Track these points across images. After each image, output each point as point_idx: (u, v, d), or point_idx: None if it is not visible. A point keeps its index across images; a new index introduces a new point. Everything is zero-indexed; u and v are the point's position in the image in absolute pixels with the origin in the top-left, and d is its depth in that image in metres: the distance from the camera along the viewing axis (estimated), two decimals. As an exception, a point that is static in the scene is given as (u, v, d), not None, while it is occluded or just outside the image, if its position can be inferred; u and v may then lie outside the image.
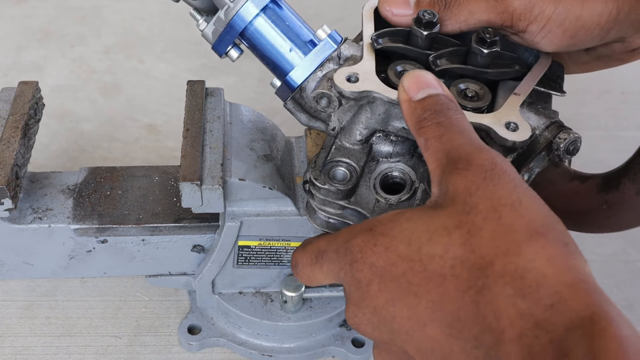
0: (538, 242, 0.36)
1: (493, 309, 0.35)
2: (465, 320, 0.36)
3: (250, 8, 0.52)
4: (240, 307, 0.66)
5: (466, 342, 0.36)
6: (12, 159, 0.57)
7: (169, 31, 1.07)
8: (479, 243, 0.37)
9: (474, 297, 0.36)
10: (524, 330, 0.34)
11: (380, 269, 0.39)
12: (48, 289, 0.71)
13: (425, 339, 0.38)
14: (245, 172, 0.58)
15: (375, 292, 0.40)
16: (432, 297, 0.37)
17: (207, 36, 0.55)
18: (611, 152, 0.53)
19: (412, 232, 0.39)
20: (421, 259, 0.38)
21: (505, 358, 0.35)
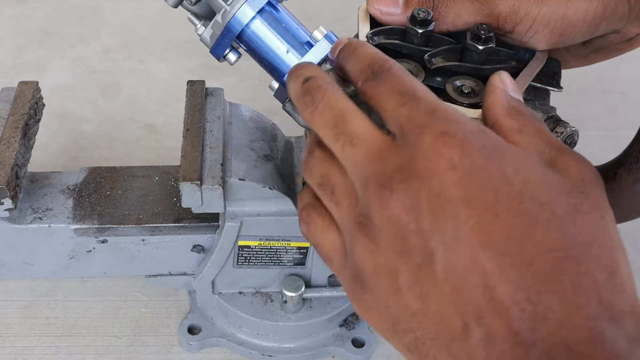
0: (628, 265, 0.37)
1: (574, 283, 0.34)
2: (535, 274, 0.34)
3: (247, 11, 0.52)
4: (240, 307, 0.66)
5: (520, 292, 0.34)
6: (12, 159, 0.57)
7: (169, 31, 1.07)
8: (582, 225, 0.36)
9: (559, 261, 0.34)
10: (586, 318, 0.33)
11: (474, 166, 0.36)
12: (48, 289, 0.71)
13: (471, 260, 0.34)
14: (245, 172, 0.58)
15: (451, 180, 0.35)
16: (512, 232, 0.34)
17: (205, 40, 0.56)
18: (611, 152, 0.53)
19: (523, 163, 0.37)
20: (522, 192, 0.35)
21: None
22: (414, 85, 0.40)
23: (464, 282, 0.35)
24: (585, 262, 0.34)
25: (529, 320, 0.33)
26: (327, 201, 0.42)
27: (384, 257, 0.38)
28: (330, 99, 0.42)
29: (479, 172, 0.35)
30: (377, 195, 0.37)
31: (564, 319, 0.33)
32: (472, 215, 0.35)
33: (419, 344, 0.37)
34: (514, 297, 0.34)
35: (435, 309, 0.36)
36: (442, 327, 0.36)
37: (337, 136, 0.40)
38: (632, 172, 0.48)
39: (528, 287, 0.34)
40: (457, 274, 0.35)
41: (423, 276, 0.36)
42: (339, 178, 0.41)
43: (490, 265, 0.34)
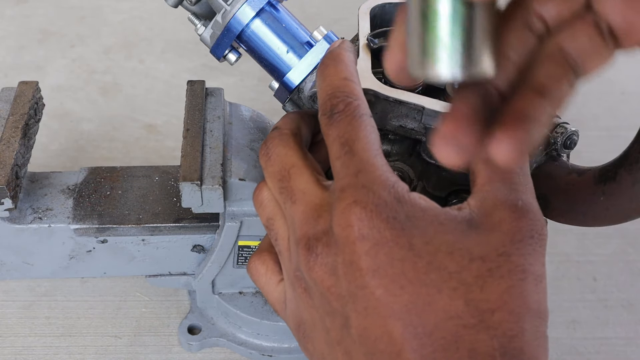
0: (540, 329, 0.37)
1: (470, 352, 0.35)
2: (434, 343, 0.35)
3: (247, 11, 0.52)
4: (240, 307, 0.66)
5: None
6: (12, 159, 0.57)
7: (169, 31, 1.07)
8: (490, 290, 0.36)
9: (458, 329, 0.35)
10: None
11: (382, 238, 0.36)
12: (48, 289, 0.71)
13: (379, 327, 0.36)
14: (245, 172, 0.58)
15: (360, 250, 0.37)
16: (415, 302, 0.36)
17: (206, 40, 0.56)
18: (611, 152, 0.53)
19: (437, 234, 0.37)
20: (429, 263, 0.36)
21: None
22: (356, 135, 0.40)
23: (375, 348, 0.36)
24: (485, 330, 0.35)
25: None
26: (274, 245, 0.44)
27: (317, 313, 0.40)
28: (281, 152, 0.43)
29: (387, 243, 0.36)
30: (305, 257, 0.39)
31: None
32: (379, 285, 0.36)
33: None
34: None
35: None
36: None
37: (281, 189, 0.42)
38: (632, 172, 0.48)
39: (427, 355, 0.35)
40: (369, 340, 0.37)
41: (345, 337, 0.38)
42: (282, 227, 0.43)
43: (396, 333, 0.36)
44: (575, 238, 0.79)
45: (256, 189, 0.46)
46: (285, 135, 0.45)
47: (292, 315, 0.43)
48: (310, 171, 0.42)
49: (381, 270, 0.36)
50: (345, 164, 0.39)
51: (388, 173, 0.39)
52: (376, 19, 0.55)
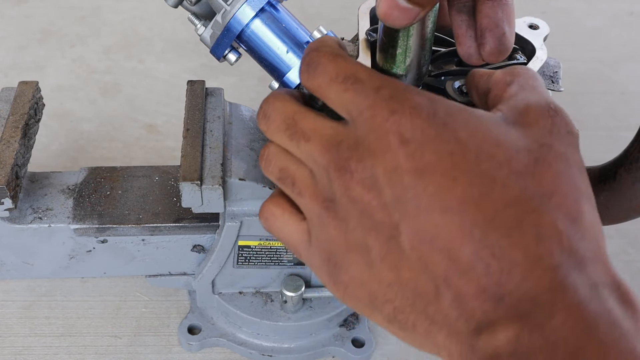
0: (595, 212, 0.37)
1: (536, 233, 0.34)
2: (497, 229, 0.34)
3: (247, 11, 0.52)
4: (240, 307, 0.66)
5: (484, 249, 0.34)
6: (12, 159, 0.57)
7: (169, 31, 1.07)
8: (542, 176, 0.36)
9: (519, 214, 0.34)
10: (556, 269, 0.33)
11: (426, 137, 0.36)
12: (48, 289, 0.71)
13: (434, 226, 0.35)
14: (245, 172, 0.58)
15: (404, 154, 0.36)
16: (471, 192, 0.35)
17: (205, 40, 0.56)
18: (611, 152, 0.53)
19: (479, 126, 0.37)
20: (478, 154, 0.36)
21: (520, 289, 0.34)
22: (354, 67, 0.40)
23: (430, 249, 0.36)
24: (547, 212, 0.35)
25: (495, 275, 0.34)
26: (290, 192, 0.43)
27: (353, 235, 0.39)
28: (278, 106, 0.43)
29: (432, 141, 0.36)
30: (339, 179, 0.38)
31: (527, 271, 0.34)
32: (430, 182, 0.35)
33: (397, 314, 0.38)
34: (478, 255, 0.34)
35: (408, 277, 0.37)
36: (417, 294, 0.37)
37: (291, 136, 0.42)
38: (632, 171, 0.48)
39: (491, 244, 0.34)
40: (423, 242, 0.36)
41: (392, 248, 0.37)
42: (297, 169, 0.43)
43: (453, 228, 0.35)
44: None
45: (261, 152, 0.46)
46: (278, 93, 0.45)
47: (319, 251, 0.42)
48: (314, 112, 0.42)
49: (430, 167, 0.36)
50: (358, 90, 0.39)
51: (407, 85, 0.39)
52: (376, 19, 0.55)
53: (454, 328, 0.36)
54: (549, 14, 1.15)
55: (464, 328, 0.35)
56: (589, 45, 1.10)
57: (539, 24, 0.56)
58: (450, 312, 0.36)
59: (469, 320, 0.35)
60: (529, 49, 0.54)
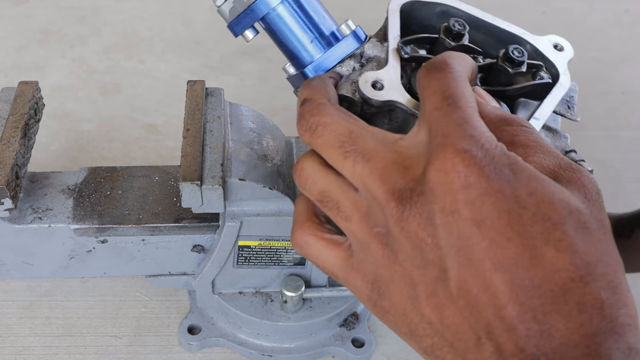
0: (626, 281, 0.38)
1: (579, 302, 0.35)
2: (543, 295, 0.35)
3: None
4: (240, 307, 0.66)
5: (528, 312, 0.35)
6: (12, 159, 0.57)
7: (169, 31, 1.07)
8: (589, 243, 0.36)
9: (566, 282, 0.35)
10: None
11: (489, 188, 0.36)
12: (48, 289, 0.71)
13: (483, 280, 0.35)
14: (245, 172, 0.58)
15: (464, 200, 0.36)
16: (523, 255, 0.35)
17: (224, 13, 0.52)
18: (611, 152, 0.53)
19: (537, 185, 0.36)
20: (535, 213, 0.36)
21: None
22: (461, 92, 0.39)
23: (476, 301, 0.36)
24: (592, 282, 0.35)
25: (534, 338, 0.35)
26: (333, 216, 0.43)
27: (402, 267, 0.39)
28: (328, 120, 0.42)
29: (494, 194, 0.36)
30: (397, 209, 0.38)
31: (565, 337, 0.34)
32: (485, 237, 0.35)
33: (435, 350, 0.39)
34: (522, 317, 0.35)
35: (451, 321, 0.37)
36: (457, 338, 0.37)
37: (346, 154, 0.41)
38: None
39: (535, 308, 0.35)
40: (471, 293, 0.36)
41: (439, 289, 0.37)
42: (342, 194, 0.42)
43: (501, 287, 0.35)
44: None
45: (297, 167, 0.44)
46: (323, 104, 0.43)
47: (362, 275, 0.42)
48: (373, 129, 0.41)
49: (487, 222, 0.35)
50: (449, 114, 0.38)
51: (490, 133, 0.38)
52: (402, 16, 0.53)
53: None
54: (549, 14, 1.15)
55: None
56: (589, 45, 1.10)
57: (564, 46, 0.54)
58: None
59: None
60: (552, 72, 0.52)
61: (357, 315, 0.69)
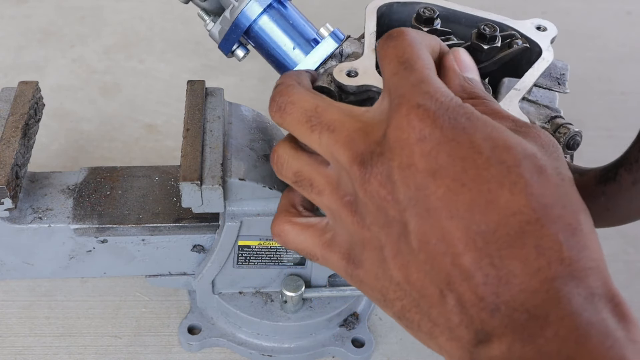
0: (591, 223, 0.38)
1: (537, 245, 0.34)
2: (499, 239, 0.35)
3: (255, 7, 0.53)
4: (240, 307, 0.66)
5: (485, 258, 0.35)
6: (12, 159, 0.57)
7: (169, 31, 1.07)
8: (545, 186, 0.37)
9: (522, 225, 0.35)
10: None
11: (444, 138, 0.36)
12: (48, 289, 0.71)
13: (441, 229, 0.36)
14: (245, 172, 0.58)
15: (419, 152, 0.36)
16: (478, 200, 0.35)
17: (214, 36, 0.56)
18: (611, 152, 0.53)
19: (492, 131, 0.37)
20: (489, 157, 0.36)
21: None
22: (417, 55, 0.40)
23: (435, 251, 0.36)
24: (548, 224, 0.35)
25: (493, 285, 0.34)
26: (308, 194, 0.44)
27: (369, 231, 0.40)
28: (296, 99, 0.44)
29: (448, 143, 0.36)
30: (359, 172, 0.39)
31: (524, 283, 0.34)
32: (441, 185, 0.36)
33: (405, 312, 0.39)
34: (479, 264, 0.35)
35: (415, 277, 0.37)
36: (422, 295, 0.37)
37: (312, 128, 0.42)
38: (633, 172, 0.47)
39: (492, 253, 0.35)
40: (430, 244, 0.36)
41: (402, 247, 0.38)
42: (313, 170, 0.43)
43: (457, 234, 0.35)
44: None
45: (272, 155, 0.46)
46: (292, 86, 0.45)
47: (339, 249, 0.43)
48: (340, 104, 0.42)
49: (442, 170, 0.36)
50: (405, 76, 0.39)
51: (447, 88, 0.39)
52: (383, 18, 0.55)
53: (455, 333, 0.36)
54: (549, 14, 1.15)
55: (464, 334, 0.36)
56: (589, 45, 1.10)
57: (547, 26, 0.55)
58: (453, 317, 0.36)
59: (469, 328, 0.35)
60: (535, 50, 0.54)
61: (357, 315, 0.69)
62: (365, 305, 0.70)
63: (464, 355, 0.36)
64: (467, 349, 0.36)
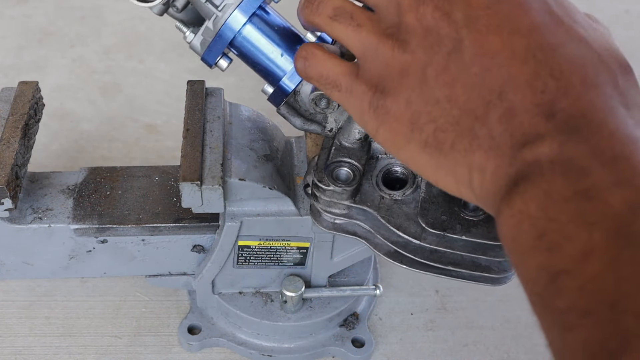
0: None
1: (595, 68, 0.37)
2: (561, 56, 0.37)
3: (238, 17, 0.51)
4: (240, 307, 0.66)
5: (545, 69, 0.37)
6: (12, 159, 0.57)
7: (169, 31, 1.07)
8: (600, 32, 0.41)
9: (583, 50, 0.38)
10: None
11: None
12: (48, 289, 0.71)
13: (501, 43, 0.37)
14: (245, 172, 0.58)
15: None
16: (542, 21, 0.38)
17: (196, 47, 0.54)
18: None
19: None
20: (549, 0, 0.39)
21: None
22: None
23: (491, 63, 0.37)
24: (606, 58, 0.37)
25: (550, 93, 0.36)
26: (345, 28, 0.44)
27: (412, 55, 0.40)
28: None
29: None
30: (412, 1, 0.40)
31: (582, 93, 0.36)
32: (506, 5, 0.38)
33: (438, 133, 0.39)
34: (538, 74, 0.36)
35: (461, 92, 0.38)
36: (465, 110, 0.38)
37: None
38: None
39: (552, 66, 0.36)
40: (486, 56, 0.37)
41: (452, 62, 0.39)
42: (354, 7, 0.44)
43: (519, 48, 0.37)
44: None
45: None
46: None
47: (368, 80, 0.43)
48: None
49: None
50: None
51: None
52: None
53: (496, 142, 0.37)
54: (549, 14, 1.14)
55: (507, 142, 0.36)
56: (589, 45, 1.09)
57: None
58: (496, 127, 0.37)
59: (514, 134, 0.36)
60: None
61: (357, 315, 0.69)
62: (365, 305, 0.70)
63: (502, 162, 0.36)
64: (508, 154, 0.36)
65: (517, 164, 0.35)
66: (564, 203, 0.33)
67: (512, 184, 0.35)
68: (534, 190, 0.34)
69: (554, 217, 0.33)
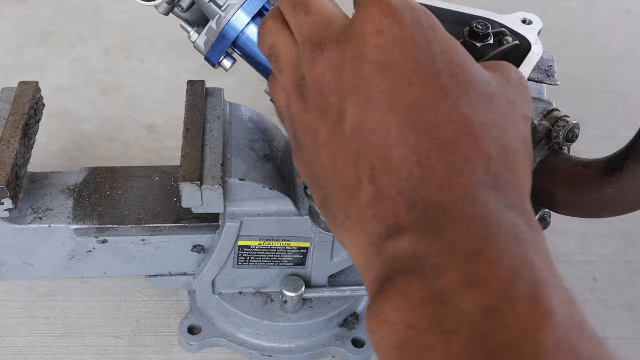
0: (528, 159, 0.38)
1: (466, 153, 0.35)
2: (431, 140, 0.35)
3: (242, 17, 0.52)
4: (240, 307, 0.66)
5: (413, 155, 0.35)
6: (12, 159, 0.57)
7: (169, 31, 1.07)
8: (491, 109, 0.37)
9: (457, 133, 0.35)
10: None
11: (402, 36, 0.36)
12: (48, 289, 0.71)
13: (376, 120, 0.36)
14: (245, 172, 0.58)
15: (374, 44, 0.36)
16: (421, 100, 0.35)
17: (200, 47, 0.55)
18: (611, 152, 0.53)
19: (452, 46, 0.37)
20: (442, 68, 0.36)
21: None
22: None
23: (366, 142, 0.36)
24: (483, 139, 0.35)
25: (414, 181, 0.34)
26: (274, 70, 0.44)
27: (309, 114, 0.40)
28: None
29: (405, 41, 0.36)
30: (310, 54, 0.39)
31: (445, 183, 0.34)
32: (387, 79, 0.36)
33: (325, 201, 0.39)
34: (406, 160, 0.35)
35: (340, 166, 0.37)
36: (343, 185, 0.37)
37: (294, 5, 0.42)
38: (639, 162, 0.48)
39: (421, 152, 0.35)
40: (362, 133, 0.36)
41: (335, 134, 0.38)
42: (284, 47, 0.43)
43: (392, 128, 0.35)
44: (575, 238, 0.79)
45: (262, 22, 0.45)
46: None
47: (289, 126, 0.43)
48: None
49: (392, 66, 0.36)
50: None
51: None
52: None
53: (366, 227, 0.36)
54: (549, 14, 1.14)
55: (375, 229, 0.35)
56: (589, 45, 1.10)
57: (532, 19, 0.55)
58: (366, 210, 0.36)
59: (380, 222, 0.35)
60: (524, 44, 0.54)
61: (357, 315, 0.69)
62: (365, 305, 0.70)
63: (372, 249, 0.35)
64: (376, 242, 0.35)
65: (382, 256, 0.34)
66: (421, 307, 0.31)
67: (377, 279, 0.34)
68: (393, 291, 0.33)
69: (413, 323, 0.31)
